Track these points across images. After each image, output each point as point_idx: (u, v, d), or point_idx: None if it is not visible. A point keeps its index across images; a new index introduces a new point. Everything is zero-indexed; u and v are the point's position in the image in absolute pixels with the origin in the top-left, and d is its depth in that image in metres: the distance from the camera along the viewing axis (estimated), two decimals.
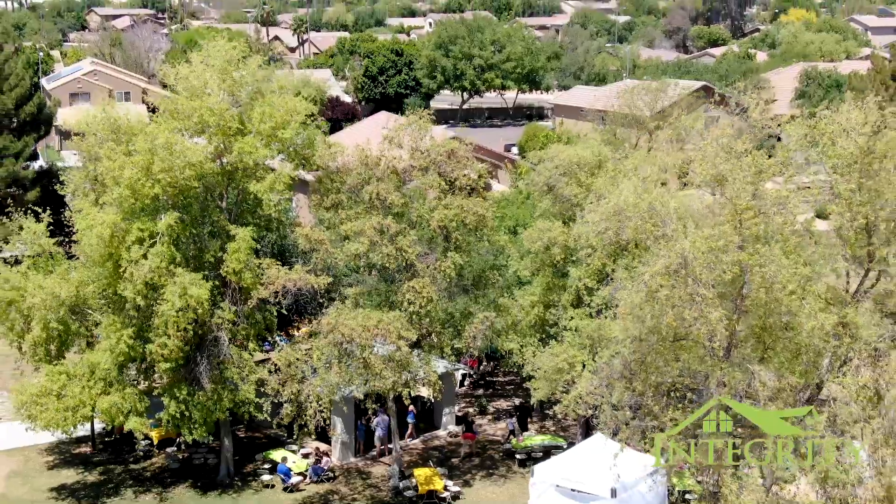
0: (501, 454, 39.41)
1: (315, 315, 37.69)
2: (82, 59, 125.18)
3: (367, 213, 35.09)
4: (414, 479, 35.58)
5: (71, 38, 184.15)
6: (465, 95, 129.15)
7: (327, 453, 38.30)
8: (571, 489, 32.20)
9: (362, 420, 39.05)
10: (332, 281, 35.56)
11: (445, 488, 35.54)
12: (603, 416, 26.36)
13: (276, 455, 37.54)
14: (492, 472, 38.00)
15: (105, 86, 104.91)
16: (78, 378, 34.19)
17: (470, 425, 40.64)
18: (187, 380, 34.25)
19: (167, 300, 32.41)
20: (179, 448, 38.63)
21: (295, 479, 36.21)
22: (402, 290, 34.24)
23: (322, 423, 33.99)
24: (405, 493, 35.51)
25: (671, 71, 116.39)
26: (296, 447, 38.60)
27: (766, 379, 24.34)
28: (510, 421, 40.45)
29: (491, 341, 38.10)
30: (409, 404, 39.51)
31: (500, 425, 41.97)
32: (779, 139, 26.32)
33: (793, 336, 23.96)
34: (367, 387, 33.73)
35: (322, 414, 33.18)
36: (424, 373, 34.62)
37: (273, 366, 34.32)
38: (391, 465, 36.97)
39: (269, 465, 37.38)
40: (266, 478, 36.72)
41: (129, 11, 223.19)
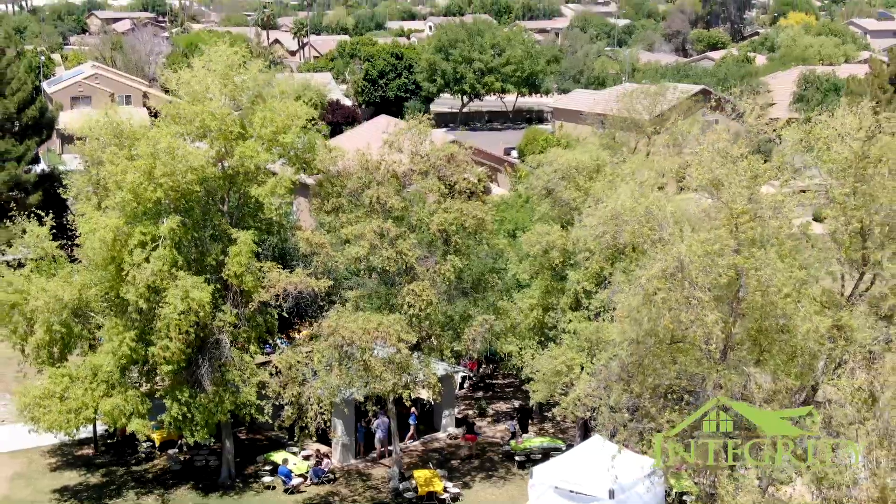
0: (501, 456, 39.61)
1: (316, 318, 37.83)
2: (83, 62, 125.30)
3: (367, 216, 35.27)
4: (414, 481, 35.77)
5: (72, 41, 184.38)
6: (465, 99, 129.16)
7: (328, 455, 38.47)
8: (570, 490, 32.39)
9: (363, 422, 39.22)
10: (333, 284, 35.69)
11: (445, 490, 35.73)
12: (601, 418, 26.50)
13: (277, 457, 37.68)
14: (491, 473, 38.19)
15: (106, 89, 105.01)
16: (80, 380, 34.35)
17: (471, 427, 40.90)
18: (189, 382, 34.42)
19: (169, 303, 32.58)
20: (181, 450, 38.82)
21: (296, 481, 36.35)
22: (402, 294, 34.38)
23: (323, 426, 34.16)
24: (405, 495, 35.70)
25: (670, 74, 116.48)
26: (296, 449, 38.71)
27: (762, 381, 24.54)
28: (511, 423, 40.67)
29: (490, 344, 38.24)
30: (410, 406, 39.72)
31: (499, 427, 42.17)
32: (780, 140, 26.50)
33: (788, 339, 24.09)
34: (368, 389, 33.88)
35: (323, 416, 33.33)
36: (424, 375, 34.77)
37: (274, 368, 34.46)
38: (391, 467, 37.11)
39: (270, 467, 37.51)
40: (267, 479, 36.87)
41: (130, 15, 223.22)
